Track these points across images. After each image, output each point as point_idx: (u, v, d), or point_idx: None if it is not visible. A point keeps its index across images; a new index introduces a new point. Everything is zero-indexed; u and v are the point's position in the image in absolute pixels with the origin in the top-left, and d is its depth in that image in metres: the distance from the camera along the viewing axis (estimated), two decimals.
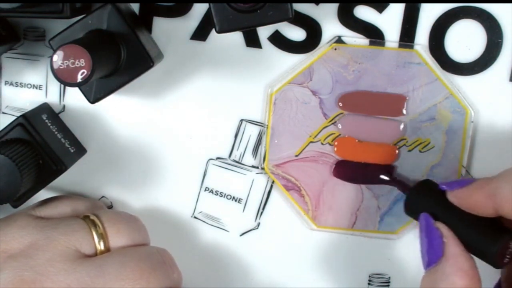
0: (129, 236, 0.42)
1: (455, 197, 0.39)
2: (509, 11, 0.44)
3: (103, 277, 0.39)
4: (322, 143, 0.46)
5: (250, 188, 0.47)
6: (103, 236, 0.41)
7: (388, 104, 0.45)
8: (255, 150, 0.47)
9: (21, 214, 0.43)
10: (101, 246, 0.41)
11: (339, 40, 0.45)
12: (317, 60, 0.45)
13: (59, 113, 0.47)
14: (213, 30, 0.39)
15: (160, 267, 0.41)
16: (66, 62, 0.37)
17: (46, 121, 0.45)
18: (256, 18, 0.39)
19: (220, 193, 0.48)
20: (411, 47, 0.45)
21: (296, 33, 0.45)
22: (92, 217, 0.42)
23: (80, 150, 0.47)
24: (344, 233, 0.47)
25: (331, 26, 0.45)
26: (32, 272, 0.39)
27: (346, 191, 0.47)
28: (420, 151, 0.46)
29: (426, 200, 0.41)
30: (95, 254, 0.41)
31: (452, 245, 0.38)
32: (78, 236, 0.41)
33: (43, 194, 0.45)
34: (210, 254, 0.48)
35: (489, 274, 0.39)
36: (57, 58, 0.37)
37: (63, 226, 0.41)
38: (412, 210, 0.42)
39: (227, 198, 0.48)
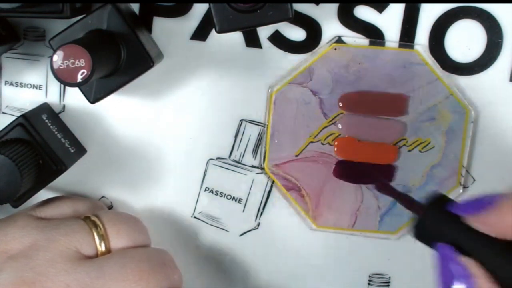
0: (130, 237, 0.42)
1: (479, 223, 0.32)
2: (509, 11, 0.43)
3: (103, 278, 0.39)
4: (322, 143, 0.46)
5: (250, 188, 0.47)
6: (103, 237, 0.41)
7: (388, 104, 0.45)
8: (255, 150, 0.47)
9: (21, 214, 0.43)
10: (102, 247, 0.41)
11: (339, 40, 0.45)
12: (317, 60, 0.45)
13: (59, 113, 0.47)
14: (213, 30, 0.39)
15: (160, 268, 0.41)
16: (66, 62, 0.37)
17: (46, 121, 0.45)
18: (256, 18, 0.39)
19: (220, 193, 0.48)
20: (411, 47, 0.45)
21: (296, 33, 0.45)
22: (93, 218, 0.42)
23: (80, 150, 0.47)
24: (344, 233, 0.47)
25: (331, 26, 0.45)
26: (32, 273, 0.39)
27: (346, 191, 0.47)
28: (420, 151, 0.46)
29: (442, 226, 0.33)
30: (96, 255, 0.41)
31: (485, 284, 0.32)
32: (78, 237, 0.41)
33: (43, 194, 0.45)
34: (210, 254, 0.48)
35: None
36: (57, 58, 0.37)
37: (63, 226, 0.41)
38: (425, 236, 0.35)
39: (227, 198, 0.48)
